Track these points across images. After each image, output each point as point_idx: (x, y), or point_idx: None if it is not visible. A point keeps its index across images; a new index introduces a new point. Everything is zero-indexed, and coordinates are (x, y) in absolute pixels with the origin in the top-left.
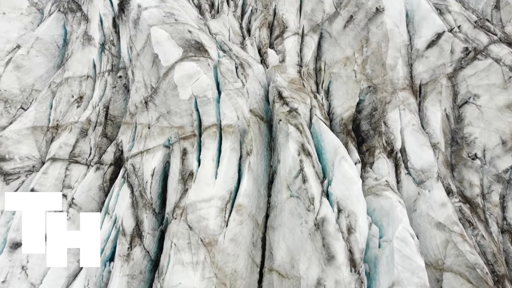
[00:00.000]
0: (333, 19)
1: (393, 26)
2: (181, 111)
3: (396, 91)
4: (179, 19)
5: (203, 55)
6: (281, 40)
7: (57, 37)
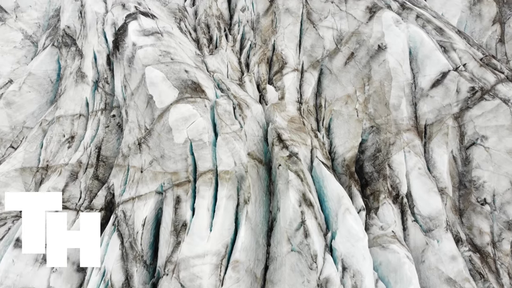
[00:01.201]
0: (334, 56)
1: (396, 64)
2: (175, 155)
3: (401, 132)
4: (175, 57)
5: (199, 95)
6: (280, 76)
7: (50, 72)
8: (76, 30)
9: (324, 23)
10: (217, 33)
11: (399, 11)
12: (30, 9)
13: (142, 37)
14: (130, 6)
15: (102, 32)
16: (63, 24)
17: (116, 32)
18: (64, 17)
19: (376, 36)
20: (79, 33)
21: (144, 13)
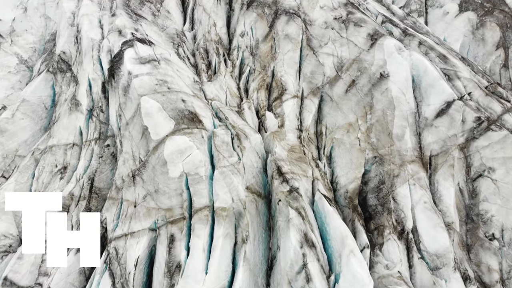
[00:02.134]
0: (334, 83)
1: (399, 93)
2: (170, 190)
3: (405, 164)
4: (172, 86)
5: (196, 126)
6: (280, 103)
7: (45, 98)
8: (71, 55)
9: (324, 49)
10: (215, 58)
11: (401, 37)
12: (26, 33)
13: (138, 65)
14: (127, 32)
15: (98, 59)
16: (59, 50)
17: (112, 59)
18: (60, 43)
19: (378, 63)
20: (75, 59)
21: (141, 39)
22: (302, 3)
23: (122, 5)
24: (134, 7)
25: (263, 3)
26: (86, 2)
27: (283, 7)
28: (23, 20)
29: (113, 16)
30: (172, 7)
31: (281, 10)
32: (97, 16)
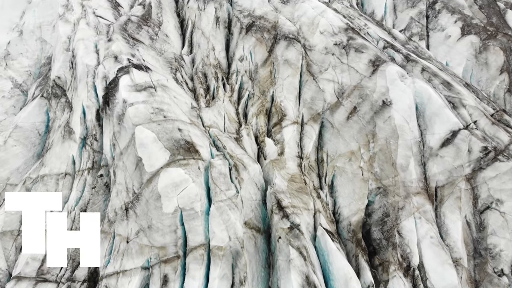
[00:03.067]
0: (335, 109)
1: (403, 121)
2: (163, 227)
3: (410, 196)
4: (168, 115)
5: (193, 156)
6: (280, 129)
7: (38, 124)
8: (66, 80)
9: (324, 75)
10: (214, 83)
11: (403, 63)
12: (21, 57)
13: (134, 93)
14: (123, 58)
15: (93, 85)
16: (54, 75)
17: (107, 86)
18: (55, 68)
19: (380, 91)
20: (70, 84)
21: (137, 65)
22: (301, 28)
23: (119, 30)
24: (131, 31)
25: (262, 28)
26: (83, 26)
27: (282, 32)
28: (18, 43)
29: (109, 41)
30: (170, 31)
31: (280, 35)
32: (93, 40)
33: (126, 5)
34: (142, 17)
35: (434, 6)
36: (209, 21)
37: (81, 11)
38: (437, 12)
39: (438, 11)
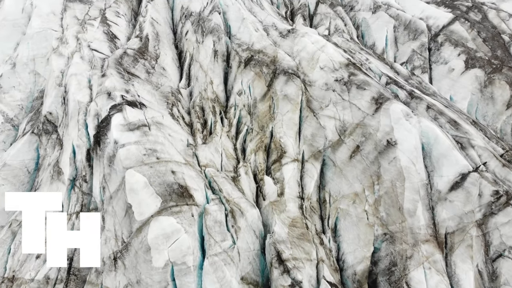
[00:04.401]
0: (337, 147)
1: (409, 163)
2: (153, 283)
3: (418, 243)
4: (162, 156)
5: (186, 202)
6: (279, 166)
7: (28, 162)
8: (58, 116)
9: (325, 112)
10: (211, 117)
11: (407, 100)
12: (14, 90)
13: (126, 133)
14: (116, 95)
15: (84, 124)
16: (45, 110)
17: (99, 124)
18: (47, 103)
19: (384, 130)
20: (61, 121)
21: (131, 102)
22: (301, 63)
23: (114, 64)
24: (127, 65)
25: (261, 62)
26: (76, 60)
27: (281, 66)
28: (11, 76)
29: (103, 76)
30: (167, 64)
31: (279, 69)
32: (87, 75)
33: (123, 37)
34: (139, 50)
35: (436, 38)
36: (207, 54)
37: (76, 44)
38: (440, 44)
39: (440, 43)
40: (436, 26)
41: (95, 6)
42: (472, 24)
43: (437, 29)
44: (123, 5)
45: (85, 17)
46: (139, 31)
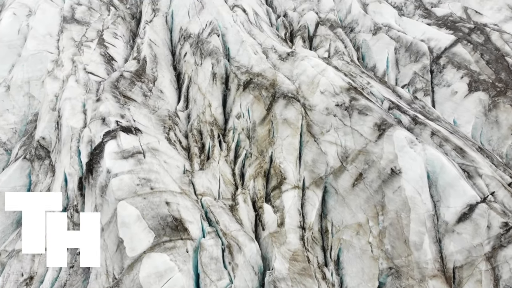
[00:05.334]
0: (339, 174)
1: (414, 193)
2: None
3: (425, 279)
4: (156, 186)
5: (181, 236)
6: (279, 193)
7: (19, 188)
8: (51, 141)
9: (326, 137)
10: (209, 141)
11: (411, 125)
12: (7, 113)
13: (119, 161)
14: (111, 121)
15: (77, 151)
16: (38, 135)
17: (92, 151)
18: (40, 128)
19: (388, 157)
20: (54, 146)
21: (126, 128)
22: (301, 86)
23: (109, 87)
24: (123, 88)
25: (260, 85)
26: (71, 84)
27: (281, 90)
28: (5, 99)
29: (98, 101)
30: (165, 86)
31: (279, 93)
32: (82, 99)
33: (120, 59)
34: (136, 72)
35: (438, 61)
36: (205, 77)
37: (71, 67)
38: (442, 67)
39: (443, 66)
40: (438, 48)
41: (93, 28)
42: (475, 46)
43: (439, 51)
44: (121, 26)
45: (82, 39)
46: (137, 53)
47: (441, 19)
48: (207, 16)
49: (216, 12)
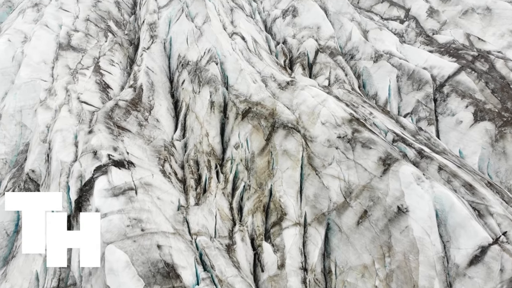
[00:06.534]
0: (343, 211)
1: (423, 233)
2: None
3: None
4: (147, 227)
5: (173, 284)
6: (279, 230)
7: (7, 224)
8: (41, 174)
9: (328, 170)
10: (206, 173)
11: (416, 159)
12: None
13: (110, 200)
14: (102, 155)
15: (66, 186)
16: (27, 168)
17: (82, 187)
18: (30, 160)
19: (394, 195)
20: (44, 179)
21: (118, 162)
22: (301, 117)
23: (103, 118)
24: (117, 118)
25: (259, 115)
26: (63, 114)
27: (280, 120)
28: None
29: (90, 133)
30: (162, 115)
31: (278, 123)
32: (74, 131)
33: (116, 86)
34: (132, 101)
35: (442, 89)
36: (203, 106)
37: (65, 96)
38: (446, 95)
39: (446, 94)
40: (441, 76)
41: (89, 55)
42: (479, 75)
43: (442, 79)
44: (118, 52)
45: (77, 66)
46: (133, 81)
47: (444, 46)
48: (205, 44)
49: (215, 40)
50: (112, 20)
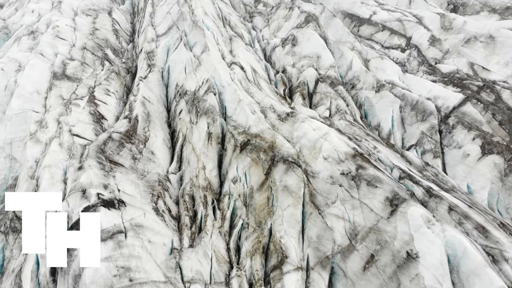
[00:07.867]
0: (348, 254)
1: (435, 282)
2: None
3: None
4: (136, 276)
5: None
6: (280, 275)
7: None
8: None
9: (332, 210)
10: (202, 210)
11: (425, 198)
12: None
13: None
14: (91, 194)
15: None
16: None
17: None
18: None
19: (403, 238)
20: None
21: (108, 202)
22: (302, 151)
23: (94, 152)
24: (110, 152)
25: (258, 147)
26: (54, 148)
27: (280, 153)
28: None
29: (79, 169)
30: (157, 147)
31: (278, 157)
32: (63, 166)
33: (111, 117)
34: (126, 133)
35: (447, 120)
36: (200, 137)
37: (56, 129)
38: (451, 127)
39: (452, 126)
40: (446, 107)
41: (84, 84)
42: (485, 106)
43: (447, 110)
44: (114, 81)
45: (71, 96)
46: (129, 111)
47: (447, 76)
48: (203, 73)
49: (213, 70)
50: (110, 48)
